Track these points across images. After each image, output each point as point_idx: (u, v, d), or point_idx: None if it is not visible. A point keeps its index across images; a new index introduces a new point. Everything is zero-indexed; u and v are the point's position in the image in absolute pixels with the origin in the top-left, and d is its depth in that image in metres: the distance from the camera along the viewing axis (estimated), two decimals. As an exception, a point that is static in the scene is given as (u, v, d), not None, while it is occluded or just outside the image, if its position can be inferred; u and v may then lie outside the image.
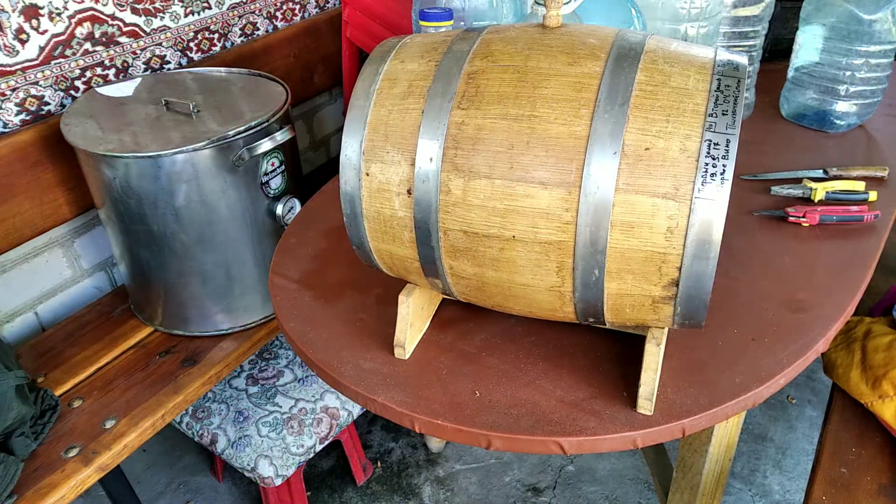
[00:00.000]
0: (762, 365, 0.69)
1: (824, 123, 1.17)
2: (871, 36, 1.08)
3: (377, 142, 0.62)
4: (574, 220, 0.56)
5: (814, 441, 1.53)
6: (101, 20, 1.30)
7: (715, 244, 0.54)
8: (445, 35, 0.67)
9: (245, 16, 1.58)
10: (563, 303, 0.62)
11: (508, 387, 0.68)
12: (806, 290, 0.80)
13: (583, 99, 0.56)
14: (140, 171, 1.07)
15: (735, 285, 0.81)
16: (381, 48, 0.67)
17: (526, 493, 1.47)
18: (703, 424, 0.65)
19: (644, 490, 1.46)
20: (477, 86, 0.60)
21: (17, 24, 1.18)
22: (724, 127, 0.53)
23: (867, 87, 1.13)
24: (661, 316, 0.61)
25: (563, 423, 0.64)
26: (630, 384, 0.68)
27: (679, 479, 0.95)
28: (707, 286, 0.56)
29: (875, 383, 0.92)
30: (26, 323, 1.35)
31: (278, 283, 0.85)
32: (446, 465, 1.54)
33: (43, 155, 1.22)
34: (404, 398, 0.68)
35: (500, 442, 0.64)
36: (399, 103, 0.62)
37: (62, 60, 1.26)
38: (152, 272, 1.20)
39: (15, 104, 1.21)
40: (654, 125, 0.55)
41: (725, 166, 0.53)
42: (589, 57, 0.58)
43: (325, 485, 1.51)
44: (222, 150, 1.09)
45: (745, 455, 1.52)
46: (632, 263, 0.57)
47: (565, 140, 0.56)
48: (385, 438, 1.62)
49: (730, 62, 0.58)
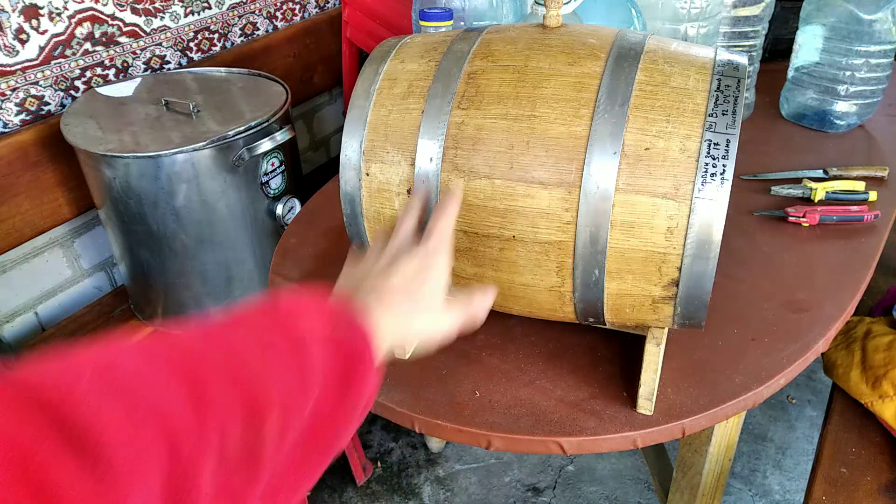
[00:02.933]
0: (762, 365, 0.69)
1: (824, 123, 1.17)
2: (871, 36, 1.08)
3: (377, 142, 0.62)
4: (574, 220, 0.56)
5: (814, 441, 1.53)
6: (101, 20, 1.30)
7: (715, 244, 0.54)
8: (445, 35, 0.67)
9: (245, 16, 1.58)
10: (563, 303, 0.62)
11: (508, 387, 0.68)
12: (806, 290, 0.80)
13: (583, 99, 0.56)
14: (140, 171, 1.07)
15: (735, 285, 0.81)
16: (381, 48, 0.67)
17: (526, 493, 1.47)
18: (703, 424, 0.65)
19: (644, 490, 1.46)
20: (477, 86, 0.60)
21: (17, 24, 1.18)
22: (725, 127, 0.53)
23: (867, 87, 1.13)
24: (661, 316, 0.61)
25: (563, 423, 0.64)
26: (630, 384, 0.68)
27: (679, 479, 0.95)
28: (707, 286, 0.56)
29: (875, 383, 0.92)
30: (26, 323, 1.35)
31: (278, 283, 0.85)
32: (446, 465, 1.54)
33: (43, 155, 1.22)
34: (404, 398, 0.68)
35: (500, 442, 0.64)
36: (399, 103, 0.62)
37: (62, 60, 1.26)
38: (152, 272, 1.20)
39: (15, 104, 1.21)
40: (654, 125, 0.55)
41: (725, 166, 0.53)
42: (589, 57, 0.58)
43: (325, 485, 1.51)
44: (222, 150, 1.09)
45: (745, 455, 1.52)
46: (632, 263, 0.57)
47: (565, 140, 0.56)
48: (385, 438, 1.62)
49: (730, 62, 0.58)
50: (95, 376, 0.28)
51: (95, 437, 0.26)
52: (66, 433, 0.25)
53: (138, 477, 0.26)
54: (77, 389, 0.27)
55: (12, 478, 0.23)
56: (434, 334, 0.50)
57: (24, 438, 0.24)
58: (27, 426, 0.24)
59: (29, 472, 0.23)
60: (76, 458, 0.25)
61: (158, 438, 0.28)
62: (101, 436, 0.26)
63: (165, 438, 0.28)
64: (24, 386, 0.26)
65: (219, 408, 0.31)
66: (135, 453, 0.27)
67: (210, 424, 0.30)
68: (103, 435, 0.26)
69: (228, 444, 0.31)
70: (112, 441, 0.26)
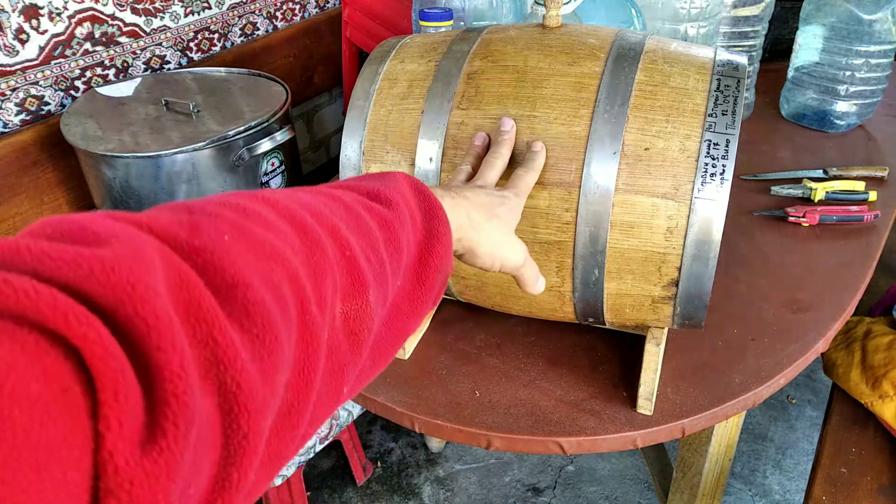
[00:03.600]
0: (762, 365, 0.69)
1: (824, 123, 1.17)
2: (871, 36, 1.08)
3: (377, 142, 0.62)
4: (574, 220, 0.56)
5: (814, 441, 1.53)
6: (101, 20, 1.30)
7: (715, 244, 0.54)
8: (445, 35, 0.67)
9: (245, 16, 1.58)
10: (563, 303, 0.62)
11: (508, 387, 0.68)
12: (806, 290, 0.80)
13: (582, 99, 0.56)
14: (140, 171, 1.07)
15: (735, 285, 0.81)
16: (381, 48, 0.67)
17: (526, 493, 1.47)
18: (703, 424, 0.65)
19: (644, 490, 1.46)
20: (477, 86, 0.60)
21: (17, 24, 1.18)
22: (724, 127, 0.53)
23: (867, 87, 1.13)
24: (661, 316, 0.61)
25: (562, 423, 0.64)
26: (630, 384, 0.68)
27: (679, 479, 0.95)
28: (707, 286, 0.56)
29: (875, 383, 0.91)
30: (26, 323, 1.35)
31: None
32: (446, 465, 1.54)
33: (43, 155, 1.22)
34: (404, 398, 0.68)
35: (500, 442, 0.64)
36: (399, 103, 0.62)
37: (62, 60, 1.26)
38: (152, 272, 1.20)
39: (15, 104, 1.21)
40: (654, 125, 0.55)
41: (725, 166, 0.53)
42: (589, 57, 0.58)
43: (325, 485, 1.51)
44: (222, 150, 1.09)
45: (745, 455, 1.52)
46: (631, 263, 0.57)
47: (565, 140, 0.56)
48: (385, 438, 1.62)
49: (729, 62, 0.58)
50: (237, 234, 0.27)
51: (242, 293, 0.25)
52: (221, 294, 0.24)
53: (281, 344, 0.26)
54: (222, 245, 0.26)
55: (194, 338, 0.22)
56: (502, 253, 0.48)
57: (193, 296, 0.23)
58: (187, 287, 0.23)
59: (202, 331, 0.23)
60: (233, 320, 0.24)
61: (293, 306, 0.28)
62: (247, 295, 0.25)
63: (297, 306, 0.28)
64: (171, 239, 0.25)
65: (332, 284, 0.31)
66: (279, 318, 0.26)
67: (328, 300, 0.30)
68: (250, 291, 0.25)
69: (336, 319, 0.31)
70: (260, 302, 0.25)
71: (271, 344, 0.25)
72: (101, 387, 0.19)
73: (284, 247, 0.28)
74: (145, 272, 0.22)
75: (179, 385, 0.21)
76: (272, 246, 0.28)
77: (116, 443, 0.19)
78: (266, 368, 0.25)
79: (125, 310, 0.21)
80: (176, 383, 0.21)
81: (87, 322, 0.19)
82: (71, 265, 0.21)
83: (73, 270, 0.20)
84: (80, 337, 0.19)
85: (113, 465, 0.19)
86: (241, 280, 0.25)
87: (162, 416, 0.21)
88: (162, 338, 0.21)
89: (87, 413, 0.19)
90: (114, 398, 0.19)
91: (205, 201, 0.29)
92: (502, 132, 0.56)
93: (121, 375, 0.20)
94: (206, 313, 0.23)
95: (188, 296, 0.23)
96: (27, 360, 0.18)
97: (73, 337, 0.19)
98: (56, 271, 0.20)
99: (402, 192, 0.40)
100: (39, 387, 0.18)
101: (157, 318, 0.21)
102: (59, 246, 0.21)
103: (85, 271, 0.21)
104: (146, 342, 0.21)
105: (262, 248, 0.27)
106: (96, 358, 0.19)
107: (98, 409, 0.19)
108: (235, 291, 0.25)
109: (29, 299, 0.19)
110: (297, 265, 0.29)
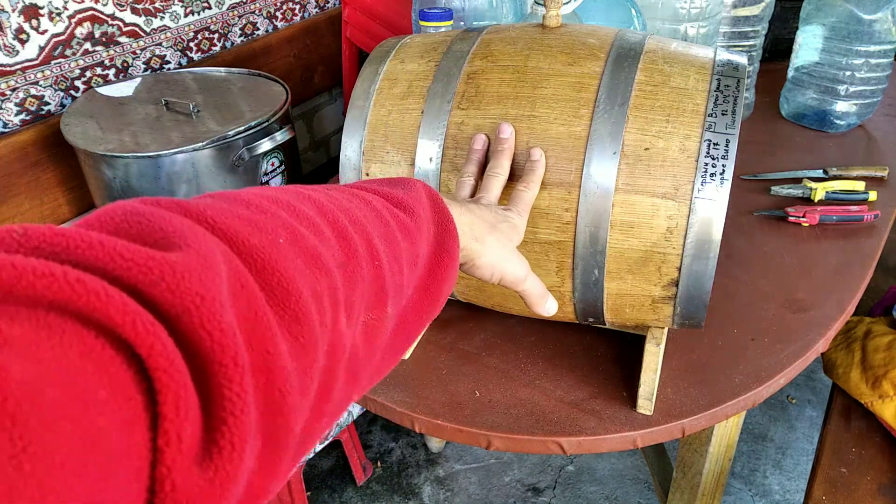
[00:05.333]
0: (762, 365, 0.69)
1: (824, 123, 1.17)
2: (871, 36, 1.08)
3: (377, 142, 0.62)
4: (574, 220, 0.56)
5: (814, 441, 1.53)
6: (101, 20, 1.30)
7: (715, 244, 0.54)
8: (445, 35, 0.67)
9: (245, 16, 1.58)
10: (563, 303, 0.62)
11: (508, 387, 0.68)
12: (806, 290, 0.80)
13: (582, 99, 0.56)
14: (140, 171, 1.07)
15: (735, 285, 0.81)
16: (381, 48, 0.67)
17: (526, 493, 1.47)
18: (703, 424, 0.65)
19: (644, 490, 1.46)
20: (477, 86, 0.60)
21: (16, 24, 1.18)
22: (724, 127, 0.53)
23: (867, 87, 1.13)
24: (661, 316, 0.61)
25: (563, 423, 0.64)
26: (630, 384, 0.68)
27: (679, 479, 0.95)
28: (707, 286, 0.56)
29: (875, 383, 0.92)
30: (26, 323, 1.35)
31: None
32: (446, 465, 1.54)
33: (43, 155, 1.22)
34: (404, 398, 0.68)
35: (500, 442, 0.64)
36: (399, 103, 0.62)
37: (62, 60, 1.26)
38: (152, 272, 1.20)
39: (15, 104, 1.21)
40: (654, 125, 0.55)
41: (725, 166, 0.53)
42: (589, 57, 0.58)
43: (325, 485, 1.51)
44: (222, 150, 1.09)
45: (745, 455, 1.52)
46: (631, 263, 0.57)
47: (565, 140, 0.56)
48: (385, 438, 1.62)
49: (729, 62, 0.58)
50: (290, 237, 0.27)
51: (294, 300, 0.25)
52: (270, 293, 0.24)
53: (318, 354, 0.26)
54: (274, 246, 0.26)
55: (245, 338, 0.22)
56: (502, 266, 0.48)
57: (248, 298, 0.23)
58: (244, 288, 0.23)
59: (257, 340, 0.23)
60: (283, 326, 0.24)
61: (329, 318, 0.28)
62: (299, 300, 0.25)
63: (332, 318, 0.28)
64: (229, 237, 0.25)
65: (361, 295, 0.31)
66: (318, 329, 0.26)
67: (356, 311, 0.30)
68: (301, 299, 0.25)
69: (358, 328, 0.32)
70: (309, 313, 0.25)
71: (312, 354, 0.25)
72: (163, 400, 0.19)
73: (329, 257, 0.29)
74: (212, 282, 0.21)
75: (238, 404, 0.21)
76: (319, 254, 0.28)
77: (175, 458, 0.19)
78: (305, 381, 0.25)
79: (190, 320, 0.20)
80: (235, 402, 0.21)
81: (153, 332, 0.19)
82: (142, 268, 0.20)
83: (144, 274, 0.20)
84: (147, 346, 0.19)
85: (171, 481, 0.19)
86: (294, 288, 0.25)
87: (219, 434, 0.20)
88: (225, 354, 0.21)
89: (147, 425, 0.19)
90: (175, 412, 0.19)
91: (255, 195, 0.29)
92: (501, 140, 0.56)
93: (183, 390, 0.19)
94: (261, 321, 0.23)
95: (246, 303, 0.23)
96: (94, 366, 0.18)
97: (138, 345, 0.19)
98: (126, 272, 0.20)
99: (422, 202, 0.40)
100: (106, 394, 0.18)
101: (222, 332, 0.21)
102: (133, 247, 0.21)
103: (155, 276, 0.20)
104: (209, 357, 0.20)
105: (311, 256, 0.27)
106: (161, 370, 0.19)
107: (158, 422, 0.19)
108: (289, 299, 0.25)
109: (100, 301, 0.18)
110: (337, 278, 0.29)
